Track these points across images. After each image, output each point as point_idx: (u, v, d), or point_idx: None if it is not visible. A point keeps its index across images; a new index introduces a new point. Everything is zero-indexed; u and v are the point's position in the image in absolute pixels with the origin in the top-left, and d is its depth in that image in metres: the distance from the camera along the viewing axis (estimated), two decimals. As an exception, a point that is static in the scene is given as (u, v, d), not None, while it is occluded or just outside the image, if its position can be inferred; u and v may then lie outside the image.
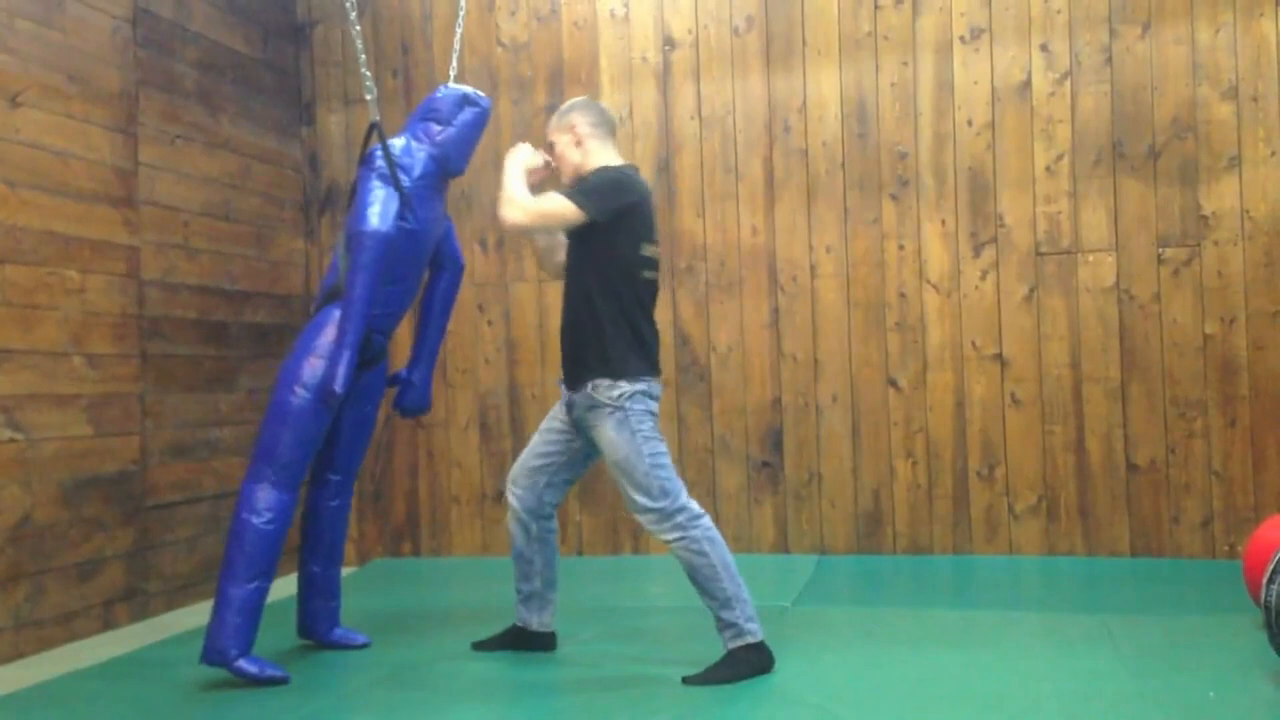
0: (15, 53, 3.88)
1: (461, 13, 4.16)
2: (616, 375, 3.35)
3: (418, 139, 3.66)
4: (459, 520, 5.45)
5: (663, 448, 3.39)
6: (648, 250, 3.46)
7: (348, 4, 3.76)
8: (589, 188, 3.40)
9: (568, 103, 3.66)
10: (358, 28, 3.79)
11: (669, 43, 5.28)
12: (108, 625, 4.19)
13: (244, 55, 5.16)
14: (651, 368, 3.43)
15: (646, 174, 5.21)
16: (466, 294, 5.22)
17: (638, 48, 5.31)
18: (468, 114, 3.71)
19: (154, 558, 4.43)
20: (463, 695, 3.30)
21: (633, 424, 3.34)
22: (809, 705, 3.04)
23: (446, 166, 3.69)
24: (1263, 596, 3.04)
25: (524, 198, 3.39)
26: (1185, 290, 4.76)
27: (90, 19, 4.23)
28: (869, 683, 3.25)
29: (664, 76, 5.28)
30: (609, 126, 3.58)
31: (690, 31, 5.26)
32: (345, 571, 5.28)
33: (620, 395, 3.34)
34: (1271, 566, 3.05)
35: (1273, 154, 4.67)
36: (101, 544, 4.17)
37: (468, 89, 3.76)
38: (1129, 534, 4.80)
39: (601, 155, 3.53)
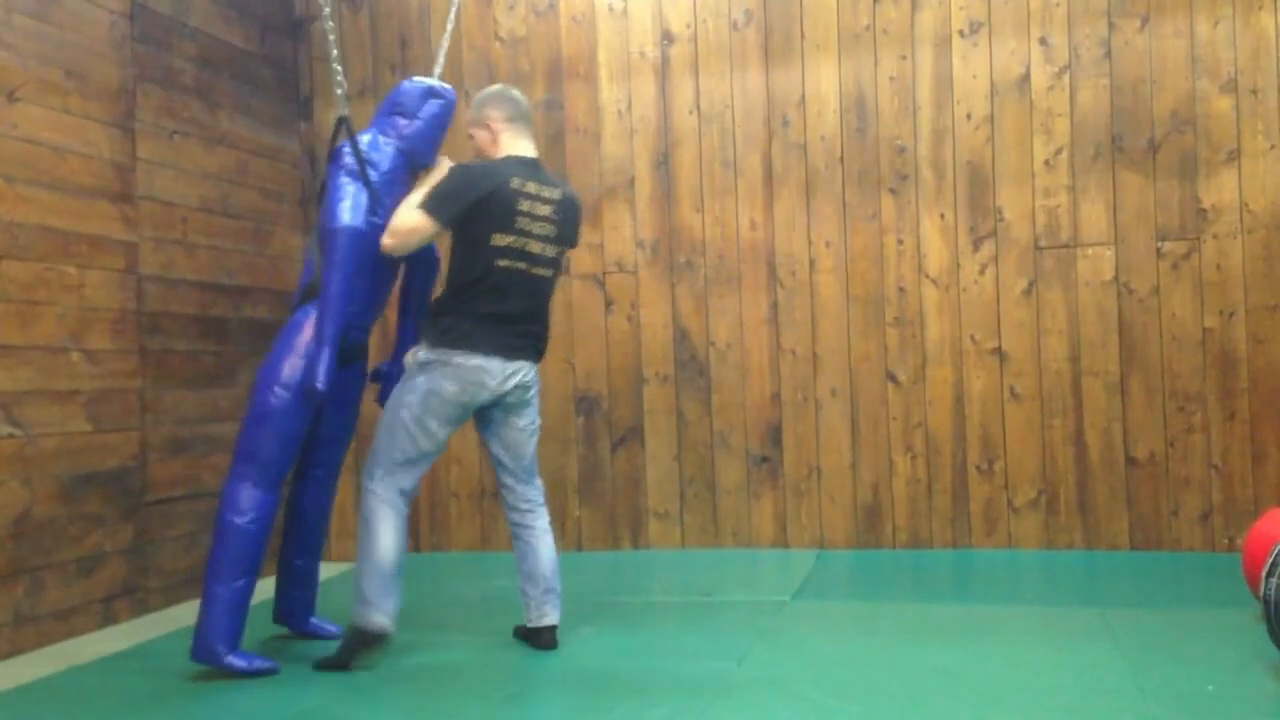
0: (12, 48, 3.87)
1: (454, 9, 4.14)
2: (424, 341, 3.54)
3: (385, 133, 3.67)
4: (458, 515, 5.45)
5: (426, 426, 3.48)
6: (501, 240, 3.48)
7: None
8: (436, 194, 3.50)
9: (482, 94, 3.73)
10: (330, 23, 3.84)
11: (667, 37, 5.27)
12: (107, 621, 4.19)
13: (242, 50, 5.15)
14: (472, 347, 3.47)
15: (645, 169, 5.23)
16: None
17: (636, 42, 5.30)
18: (433, 106, 3.72)
19: (153, 553, 4.43)
20: (461, 689, 3.30)
21: (404, 385, 3.52)
22: (808, 699, 3.04)
23: (414, 160, 3.70)
24: (1262, 590, 3.04)
25: (397, 220, 3.50)
26: (1184, 284, 4.76)
27: (87, 14, 4.22)
28: (868, 676, 3.25)
29: (662, 71, 5.27)
30: (525, 119, 3.68)
31: (689, 26, 5.25)
32: (346, 567, 5.31)
33: (415, 360, 3.52)
34: (1271, 560, 3.05)
35: (1272, 147, 4.67)
36: (101, 540, 4.17)
37: (433, 81, 3.78)
38: (1128, 527, 4.80)
39: (512, 147, 3.61)
